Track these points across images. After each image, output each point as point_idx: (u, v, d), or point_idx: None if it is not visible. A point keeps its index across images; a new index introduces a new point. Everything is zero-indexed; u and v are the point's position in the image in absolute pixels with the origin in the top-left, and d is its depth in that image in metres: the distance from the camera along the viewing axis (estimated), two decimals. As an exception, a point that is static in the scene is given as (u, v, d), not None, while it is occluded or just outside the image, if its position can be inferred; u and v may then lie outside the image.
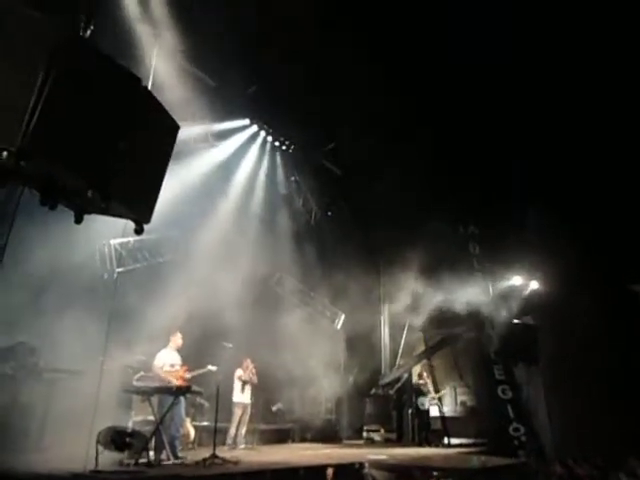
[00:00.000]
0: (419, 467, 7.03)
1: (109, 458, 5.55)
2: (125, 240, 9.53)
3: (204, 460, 6.46)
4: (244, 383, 9.35)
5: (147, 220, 3.44)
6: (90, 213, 3.23)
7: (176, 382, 7.11)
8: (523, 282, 13.81)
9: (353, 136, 13.06)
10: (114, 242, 9.37)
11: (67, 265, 7.73)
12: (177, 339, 7.63)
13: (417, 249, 12.98)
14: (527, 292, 13.88)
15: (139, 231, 3.49)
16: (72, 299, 7.49)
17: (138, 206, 3.37)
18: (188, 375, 7.44)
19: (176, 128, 3.66)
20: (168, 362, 7.37)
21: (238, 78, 11.17)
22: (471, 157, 12.18)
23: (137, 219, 3.42)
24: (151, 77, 7.20)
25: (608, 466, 6.73)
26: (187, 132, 10.01)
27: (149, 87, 3.54)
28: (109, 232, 8.80)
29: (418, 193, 13.09)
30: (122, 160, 3.13)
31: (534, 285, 13.74)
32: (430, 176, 12.81)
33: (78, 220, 3.21)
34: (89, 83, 2.92)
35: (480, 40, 9.35)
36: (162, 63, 8.52)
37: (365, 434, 12.89)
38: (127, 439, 5.76)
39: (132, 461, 5.73)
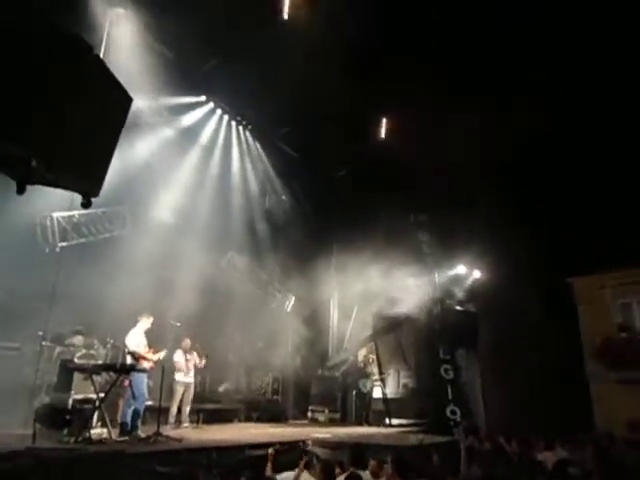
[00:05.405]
0: (359, 444, 7.29)
1: (48, 436, 5.42)
2: (70, 213, 9.13)
3: (148, 437, 6.43)
4: (187, 361, 9.14)
5: (95, 193, 3.34)
6: (34, 184, 3.10)
7: (149, 363, 7.23)
8: (467, 271, 14.42)
9: (309, 119, 13.04)
10: (57, 215, 8.95)
11: (5, 237, 7.35)
12: (148, 322, 7.52)
13: (369, 235, 13.24)
14: (471, 280, 14.52)
15: (86, 204, 3.39)
16: (10, 273, 7.14)
17: (86, 179, 3.27)
18: (155, 357, 7.43)
19: (129, 100, 3.56)
20: (142, 343, 7.29)
21: (196, 52, 10.83)
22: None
23: (85, 192, 3.32)
24: (103, 45, 6.87)
25: (531, 445, 7.25)
26: (141, 104, 9.64)
27: (101, 55, 3.42)
28: (53, 204, 8.44)
29: (371, 182, 13.34)
30: (70, 130, 3.02)
31: (477, 274, 14.39)
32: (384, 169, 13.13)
33: (20, 190, 3.06)
34: (32, 46, 2.79)
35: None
36: (116, 31, 8.12)
37: (310, 414, 13.14)
38: (67, 416, 5.63)
39: (72, 438, 5.61)
